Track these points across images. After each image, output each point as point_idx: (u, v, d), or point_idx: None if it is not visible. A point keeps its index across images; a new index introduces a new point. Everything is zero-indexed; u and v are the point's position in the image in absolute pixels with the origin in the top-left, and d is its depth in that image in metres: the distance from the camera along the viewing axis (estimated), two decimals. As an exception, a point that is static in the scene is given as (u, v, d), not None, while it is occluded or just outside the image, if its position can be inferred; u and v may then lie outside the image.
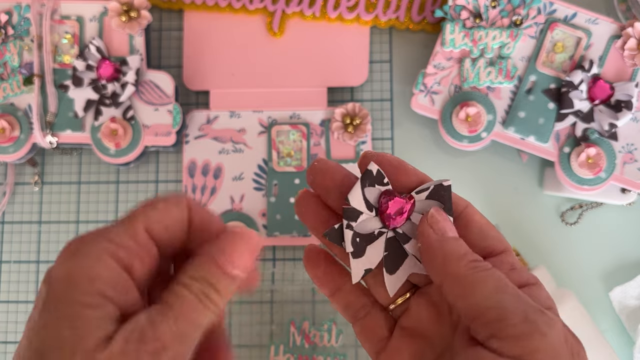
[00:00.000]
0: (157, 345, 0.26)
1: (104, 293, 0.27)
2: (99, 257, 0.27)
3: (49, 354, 0.26)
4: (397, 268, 0.33)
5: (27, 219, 0.58)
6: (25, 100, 0.54)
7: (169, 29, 0.59)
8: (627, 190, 0.52)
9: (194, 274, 0.28)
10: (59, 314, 0.27)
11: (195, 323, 0.28)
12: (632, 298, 0.52)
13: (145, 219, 0.29)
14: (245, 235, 0.30)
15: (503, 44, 0.52)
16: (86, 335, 0.26)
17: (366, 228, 0.33)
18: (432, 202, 0.33)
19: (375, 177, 0.33)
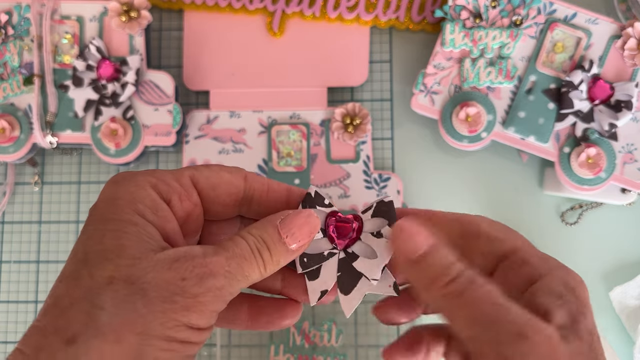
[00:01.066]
0: (205, 271, 0.27)
1: (144, 214, 0.28)
2: (140, 184, 0.29)
3: (92, 259, 0.27)
4: (351, 288, 0.33)
5: (27, 219, 0.58)
6: (25, 100, 0.54)
7: (169, 29, 0.59)
8: (627, 190, 0.52)
9: (254, 231, 0.30)
10: (102, 227, 0.28)
11: (243, 269, 0.29)
12: (632, 298, 0.52)
13: (194, 171, 0.31)
14: (311, 216, 0.31)
15: (503, 44, 0.52)
16: (128, 245, 0.27)
17: (315, 248, 0.33)
18: (377, 219, 0.33)
19: (316, 199, 0.33)
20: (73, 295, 0.27)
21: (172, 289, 0.27)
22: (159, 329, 0.26)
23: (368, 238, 0.33)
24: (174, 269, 0.27)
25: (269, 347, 0.53)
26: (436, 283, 0.28)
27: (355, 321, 0.54)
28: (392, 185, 0.54)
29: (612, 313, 0.53)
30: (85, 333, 0.26)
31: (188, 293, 0.27)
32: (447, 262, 0.29)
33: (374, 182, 0.54)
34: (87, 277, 0.27)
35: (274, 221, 0.31)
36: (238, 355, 0.54)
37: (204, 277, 0.27)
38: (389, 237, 0.32)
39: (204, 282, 0.27)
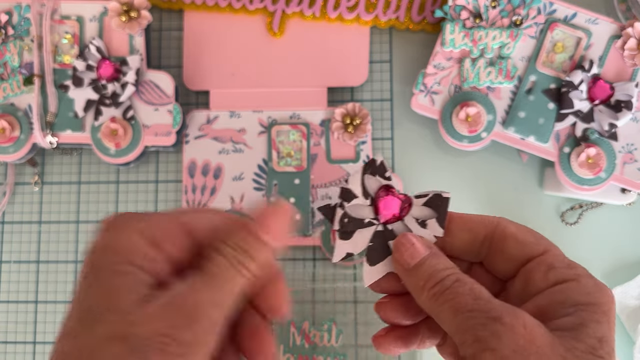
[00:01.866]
0: (196, 311, 0.28)
1: (134, 262, 0.29)
2: (131, 231, 0.29)
3: (89, 315, 0.28)
4: (378, 262, 0.33)
5: (27, 219, 0.58)
6: (25, 100, 0.54)
7: (169, 29, 0.59)
8: (627, 190, 0.52)
9: (228, 241, 0.30)
10: (96, 279, 0.29)
11: (229, 289, 0.29)
12: (632, 298, 0.52)
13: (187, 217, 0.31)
14: (277, 205, 0.31)
15: (503, 44, 0.52)
16: (121, 297, 0.28)
17: (358, 213, 0.33)
18: (427, 209, 0.33)
19: (378, 168, 0.33)
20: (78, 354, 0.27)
21: (165, 341, 0.27)
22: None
23: (411, 222, 0.33)
24: (164, 318, 0.27)
25: (269, 347, 0.53)
26: (426, 287, 0.29)
27: (355, 321, 0.54)
28: (392, 185, 0.54)
29: (612, 313, 0.53)
30: None
31: (179, 341, 0.27)
32: (437, 269, 0.30)
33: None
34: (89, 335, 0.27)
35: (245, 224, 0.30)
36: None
37: (194, 320, 0.27)
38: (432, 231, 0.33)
39: (195, 324, 0.27)
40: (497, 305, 0.27)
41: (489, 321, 0.27)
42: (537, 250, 0.31)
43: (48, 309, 0.57)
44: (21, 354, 0.56)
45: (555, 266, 0.30)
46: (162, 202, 0.57)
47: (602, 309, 0.28)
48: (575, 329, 0.27)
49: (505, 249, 0.31)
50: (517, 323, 0.26)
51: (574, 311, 0.27)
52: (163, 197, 0.57)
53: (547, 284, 0.29)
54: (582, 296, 0.28)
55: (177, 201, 0.57)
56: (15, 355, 0.56)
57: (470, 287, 0.28)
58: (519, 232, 0.32)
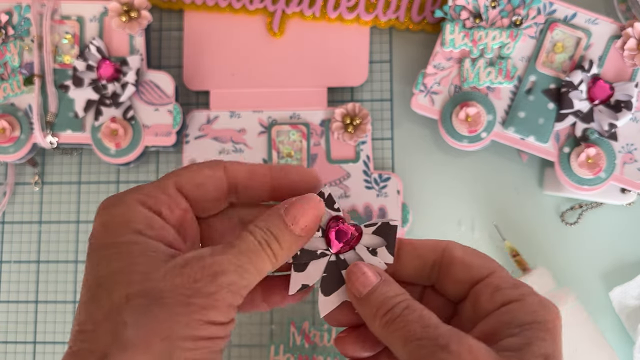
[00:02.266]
0: (217, 269, 0.28)
1: (141, 231, 0.29)
2: (129, 204, 0.30)
3: (105, 283, 0.28)
4: (332, 292, 0.34)
5: (27, 219, 0.58)
6: (25, 100, 0.54)
7: (169, 29, 0.59)
8: (627, 190, 0.52)
9: (259, 224, 0.31)
10: (106, 253, 0.29)
11: (253, 263, 0.30)
12: (632, 298, 0.52)
13: (175, 178, 0.32)
14: (313, 200, 0.32)
15: (503, 44, 0.52)
16: (136, 263, 0.28)
17: (311, 245, 0.34)
18: (377, 237, 0.34)
19: (327, 201, 0.34)
20: (95, 319, 0.28)
21: (187, 292, 0.28)
22: (182, 331, 0.27)
23: (362, 251, 0.34)
24: (185, 274, 0.28)
25: (269, 347, 0.53)
26: (377, 315, 0.30)
27: (355, 321, 0.54)
28: (392, 185, 0.54)
29: (611, 313, 0.53)
30: (115, 349, 0.27)
31: (202, 293, 0.28)
32: (388, 296, 0.30)
33: (373, 182, 0.54)
34: (105, 299, 0.28)
35: (278, 211, 0.31)
36: (238, 355, 0.54)
37: (215, 276, 0.28)
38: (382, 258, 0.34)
39: (216, 280, 0.28)
40: (444, 332, 0.28)
41: (437, 349, 0.27)
42: (483, 272, 0.31)
43: (48, 309, 0.57)
44: (21, 353, 0.56)
45: (501, 287, 0.30)
46: (162, 202, 0.57)
47: (547, 326, 0.29)
48: (520, 349, 0.28)
49: (452, 272, 0.32)
50: (463, 349, 0.27)
51: (519, 331, 0.28)
52: (163, 197, 0.57)
53: (494, 305, 0.30)
54: (527, 315, 0.29)
55: (177, 201, 0.57)
56: (16, 355, 0.56)
57: (420, 315, 0.29)
58: (465, 256, 0.32)
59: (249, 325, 0.55)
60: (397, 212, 0.53)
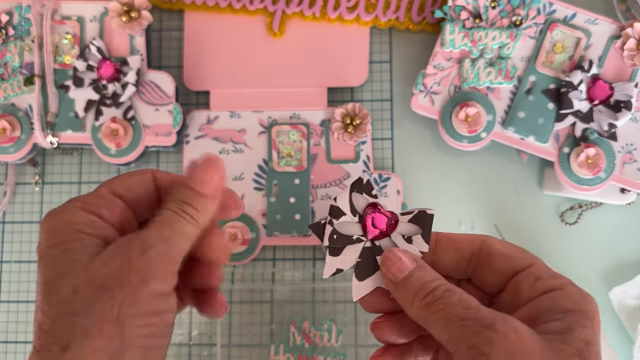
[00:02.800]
0: (144, 245, 0.31)
1: (82, 230, 0.32)
2: (70, 211, 0.33)
3: (53, 280, 0.31)
4: (366, 277, 0.34)
5: (28, 218, 0.58)
6: (26, 100, 0.54)
7: (170, 29, 0.60)
8: (627, 190, 0.52)
9: (170, 198, 0.34)
10: (51, 253, 0.31)
11: (176, 230, 0.32)
12: (632, 298, 0.52)
13: (108, 184, 0.35)
14: (210, 158, 0.34)
15: (503, 45, 0.52)
16: (77, 257, 0.31)
17: (346, 230, 0.34)
18: (412, 226, 0.34)
19: (365, 186, 0.35)
20: (50, 315, 0.30)
21: (124, 272, 0.30)
22: (129, 311, 0.29)
23: (397, 238, 0.35)
24: (118, 256, 0.31)
25: (269, 347, 0.53)
26: (416, 298, 0.31)
27: (356, 321, 0.54)
28: (391, 185, 0.54)
29: (611, 313, 0.53)
30: (74, 339, 0.29)
31: (137, 268, 0.30)
32: (426, 280, 0.31)
33: (373, 182, 0.54)
34: (54, 295, 0.30)
35: (183, 180, 0.34)
36: (238, 355, 0.54)
37: (144, 251, 0.31)
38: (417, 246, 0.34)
39: (146, 254, 0.31)
40: (488, 313, 0.28)
41: (482, 328, 0.28)
42: (523, 263, 0.32)
43: (48, 309, 0.57)
44: (22, 353, 0.56)
45: (541, 277, 0.31)
46: (163, 202, 0.57)
47: (588, 315, 0.29)
48: (563, 332, 0.28)
49: (492, 264, 0.33)
50: (509, 329, 0.27)
51: (562, 317, 0.29)
52: (163, 197, 0.57)
53: (535, 293, 0.31)
54: (568, 303, 0.30)
55: (177, 201, 0.57)
56: (16, 355, 0.56)
57: (460, 297, 0.30)
58: (504, 249, 0.33)
59: (249, 325, 0.55)
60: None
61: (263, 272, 0.55)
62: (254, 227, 0.55)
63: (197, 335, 0.55)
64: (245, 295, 0.55)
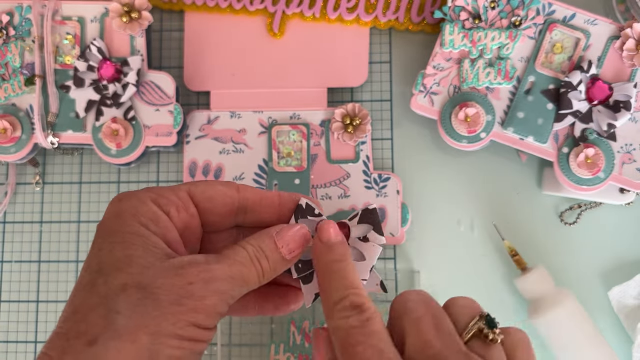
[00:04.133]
0: (210, 275, 0.30)
1: (147, 226, 0.31)
2: (142, 199, 0.32)
3: (105, 269, 0.30)
4: None
5: (29, 218, 0.58)
6: (26, 100, 0.55)
7: (170, 30, 0.60)
8: (626, 190, 0.52)
9: (253, 241, 0.33)
10: (111, 239, 0.31)
11: (244, 275, 0.32)
12: (631, 297, 0.52)
13: (190, 185, 0.34)
14: (302, 229, 0.35)
15: (502, 45, 0.53)
16: (137, 255, 0.30)
17: (307, 255, 0.35)
18: (363, 225, 0.35)
19: (306, 210, 0.36)
20: (91, 302, 0.29)
21: (181, 293, 0.29)
22: (169, 329, 0.29)
23: (356, 242, 0.36)
24: (181, 275, 0.30)
25: (269, 346, 0.53)
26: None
27: (355, 320, 0.54)
28: (391, 185, 0.54)
29: (610, 313, 0.53)
30: (104, 335, 0.28)
31: (195, 296, 0.29)
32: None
33: (373, 182, 0.54)
34: (102, 285, 0.29)
35: (270, 233, 0.34)
36: (238, 355, 0.55)
37: (208, 282, 0.30)
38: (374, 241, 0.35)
39: (209, 285, 0.30)
40: None
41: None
42: None
43: (49, 309, 0.57)
44: (22, 353, 0.56)
45: None
46: (163, 202, 0.57)
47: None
48: None
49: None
50: None
51: None
52: (164, 197, 0.58)
53: None
54: None
55: (177, 201, 0.57)
56: (17, 355, 0.56)
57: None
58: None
59: (249, 325, 0.55)
60: (396, 212, 0.53)
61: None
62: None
63: (198, 335, 0.55)
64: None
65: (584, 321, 0.50)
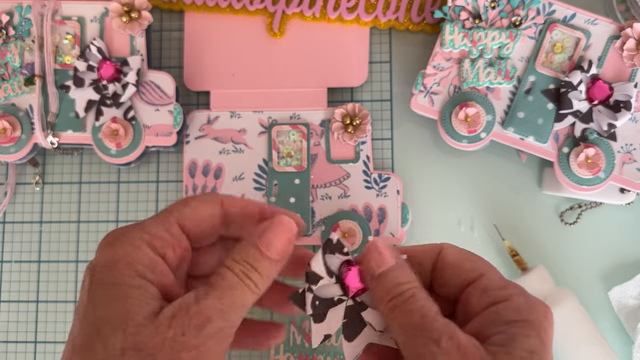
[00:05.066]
0: (202, 319, 0.29)
1: (144, 275, 0.30)
2: (136, 244, 0.31)
3: (102, 328, 0.29)
4: (355, 336, 0.34)
5: (28, 218, 0.58)
6: (26, 100, 0.55)
7: (170, 30, 0.60)
8: (626, 190, 0.52)
9: (236, 257, 0.32)
10: (106, 294, 0.30)
11: (237, 301, 0.31)
12: (631, 297, 0.52)
13: (178, 215, 0.33)
14: (283, 222, 0.33)
15: (502, 45, 0.53)
16: (133, 311, 0.29)
17: (326, 293, 0.34)
18: None
19: (336, 246, 0.35)
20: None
21: (176, 347, 0.28)
22: None
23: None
24: (174, 327, 0.29)
25: (269, 347, 0.53)
26: (385, 298, 0.31)
27: (355, 321, 0.54)
28: (391, 185, 0.54)
29: (610, 313, 0.53)
30: None
31: (189, 346, 0.29)
32: (399, 281, 0.31)
33: (373, 182, 0.54)
34: (101, 349, 0.29)
35: (252, 240, 0.32)
36: (238, 354, 0.55)
37: (201, 327, 0.29)
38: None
39: (202, 331, 0.29)
40: (439, 326, 0.29)
41: (429, 342, 0.28)
42: (472, 276, 0.32)
43: (49, 309, 0.57)
44: (22, 353, 0.56)
45: (488, 289, 0.31)
46: (163, 202, 0.57)
47: (533, 324, 0.29)
48: (505, 344, 0.28)
49: (445, 277, 0.33)
50: (452, 346, 0.28)
51: (505, 329, 0.29)
52: (164, 197, 0.57)
53: (482, 306, 0.31)
54: (512, 314, 0.30)
55: (177, 201, 0.57)
56: (16, 354, 0.56)
57: (422, 305, 0.30)
58: (456, 260, 0.33)
59: (249, 325, 0.55)
60: (396, 212, 0.53)
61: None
62: (254, 227, 0.55)
63: (197, 335, 0.55)
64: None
65: (584, 321, 0.50)
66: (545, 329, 0.30)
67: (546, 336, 0.29)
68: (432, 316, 0.30)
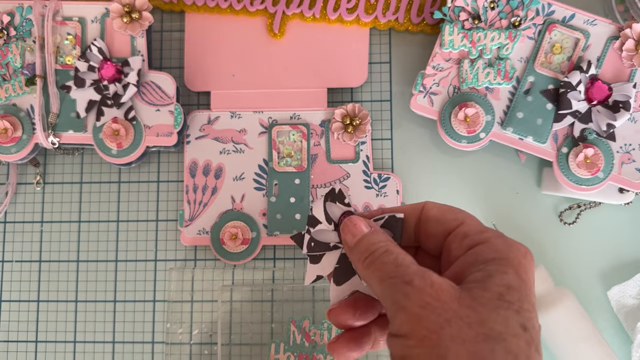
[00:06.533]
0: None
1: None
2: None
3: None
4: (343, 282, 0.35)
5: (29, 218, 0.58)
6: (27, 100, 0.55)
7: (170, 30, 0.60)
8: (625, 190, 0.52)
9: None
10: None
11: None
12: (630, 297, 0.52)
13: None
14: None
15: (501, 45, 0.53)
16: None
17: (323, 237, 0.36)
18: (385, 230, 0.35)
19: (338, 196, 0.36)
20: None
21: None
22: None
23: None
24: None
25: (270, 346, 0.53)
26: (362, 257, 0.32)
27: (355, 320, 0.54)
28: (391, 185, 0.54)
29: (610, 312, 0.53)
30: None
31: None
32: (372, 241, 0.32)
33: (373, 182, 0.55)
34: None
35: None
36: (239, 354, 0.55)
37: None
38: None
39: None
40: (413, 270, 0.30)
41: (402, 284, 0.29)
42: (453, 224, 0.33)
43: (50, 309, 0.57)
44: (22, 353, 0.57)
45: (468, 234, 0.32)
46: (163, 202, 0.58)
47: (511, 262, 0.29)
48: (482, 280, 0.29)
49: (428, 230, 0.34)
50: (424, 283, 0.29)
51: (483, 267, 0.29)
52: (164, 197, 0.58)
53: (462, 250, 0.31)
54: (490, 253, 0.30)
55: (178, 201, 0.57)
56: (17, 354, 0.57)
57: (395, 257, 0.31)
58: (438, 213, 0.34)
59: (250, 324, 0.55)
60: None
61: (263, 272, 0.55)
62: (254, 226, 0.55)
63: (198, 334, 0.55)
64: (245, 294, 0.55)
65: (583, 320, 0.50)
66: (524, 267, 0.30)
67: (525, 274, 0.29)
68: (406, 264, 0.30)
